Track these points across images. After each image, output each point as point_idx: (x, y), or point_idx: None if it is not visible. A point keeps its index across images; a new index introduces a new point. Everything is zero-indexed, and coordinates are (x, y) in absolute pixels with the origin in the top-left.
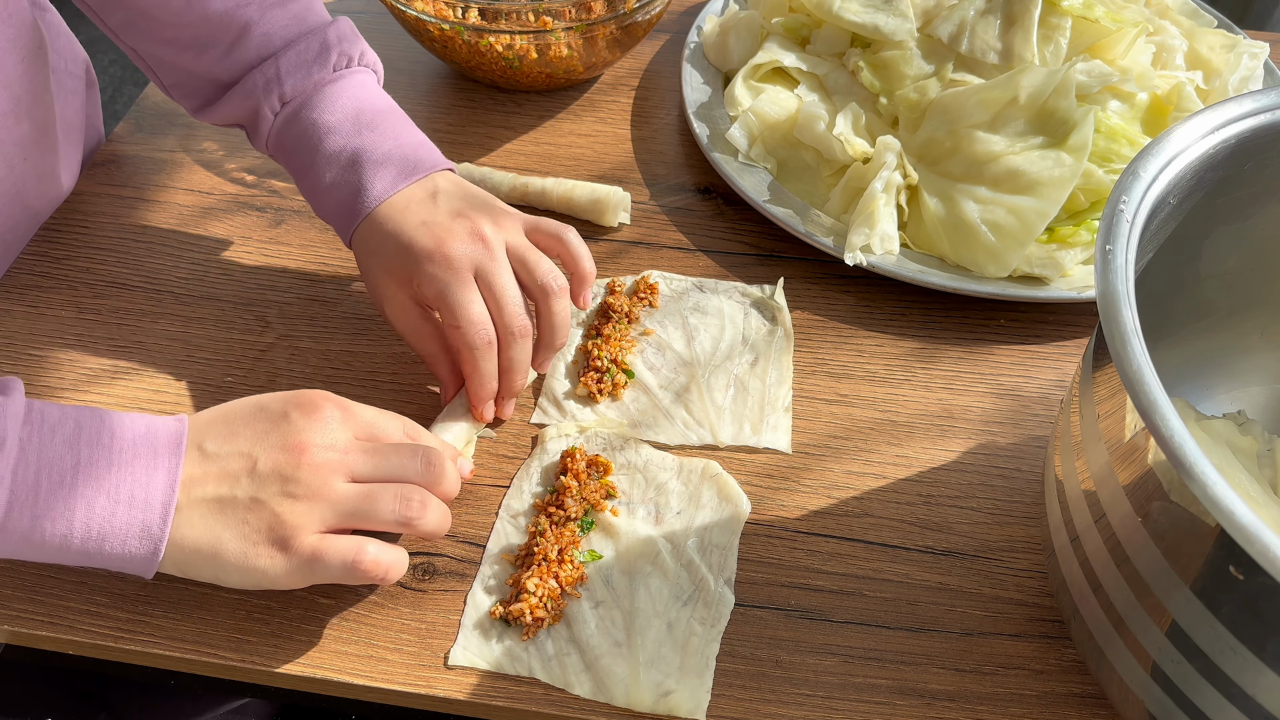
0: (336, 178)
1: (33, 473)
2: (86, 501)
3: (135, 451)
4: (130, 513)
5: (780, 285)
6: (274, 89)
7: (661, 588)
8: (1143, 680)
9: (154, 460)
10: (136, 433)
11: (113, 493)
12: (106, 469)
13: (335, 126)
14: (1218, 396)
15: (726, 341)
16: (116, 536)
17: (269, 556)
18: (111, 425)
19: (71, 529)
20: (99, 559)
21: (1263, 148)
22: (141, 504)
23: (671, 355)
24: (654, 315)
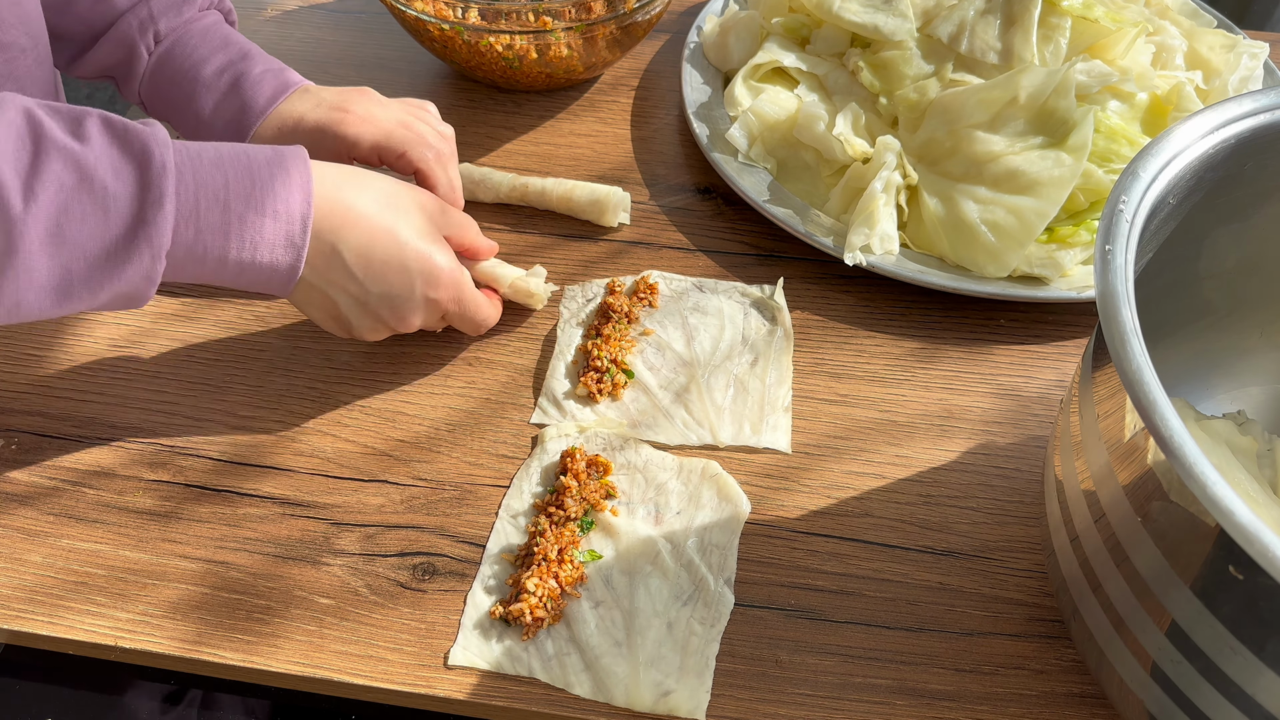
0: (219, 102)
1: (191, 192)
2: (239, 216)
3: (271, 171)
4: (275, 225)
5: (780, 285)
6: (149, 29)
7: (661, 588)
8: (1143, 680)
9: (287, 177)
10: (267, 154)
11: (259, 207)
12: (251, 187)
13: (209, 56)
14: (1218, 396)
15: (726, 341)
16: (266, 246)
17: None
18: (246, 149)
19: (228, 243)
20: (251, 272)
21: (1263, 148)
22: (284, 217)
23: (671, 355)
24: (654, 315)
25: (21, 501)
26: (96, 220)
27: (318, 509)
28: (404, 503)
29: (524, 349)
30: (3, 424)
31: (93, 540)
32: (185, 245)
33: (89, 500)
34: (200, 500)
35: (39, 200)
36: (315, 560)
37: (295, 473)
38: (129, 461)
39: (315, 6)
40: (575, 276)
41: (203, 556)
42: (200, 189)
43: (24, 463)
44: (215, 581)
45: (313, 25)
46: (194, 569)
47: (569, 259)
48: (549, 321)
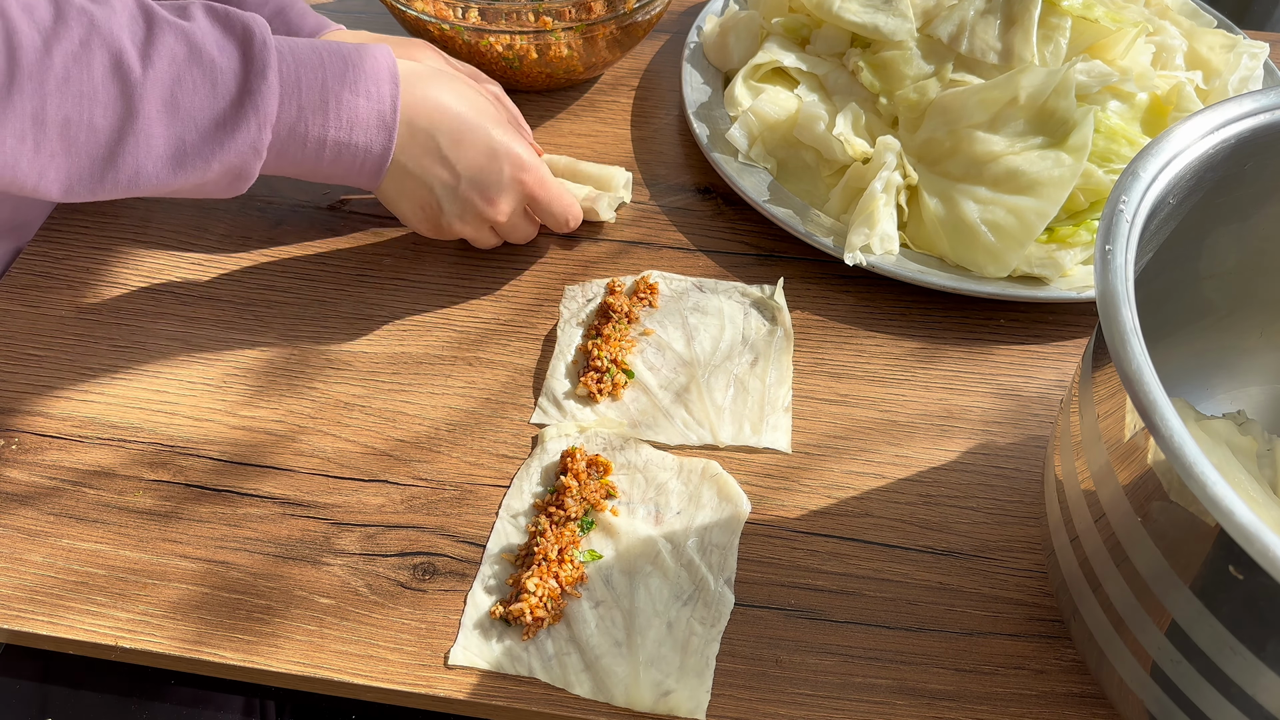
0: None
1: (292, 69)
2: (335, 95)
3: (360, 55)
4: (369, 104)
5: (780, 285)
6: None
7: (661, 587)
8: (1143, 680)
9: (376, 63)
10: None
11: (353, 87)
12: (344, 68)
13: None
14: (1218, 396)
15: (726, 341)
16: (361, 126)
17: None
18: (335, 42)
19: (327, 121)
20: (348, 155)
21: (1263, 148)
22: (376, 97)
23: (671, 355)
24: (654, 315)
25: (21, 501)
26: (206, 91)
27: (318, 509)
28: (404, 503)
29: (524, 349)
30: (3, 424)
31: (93, 540)
32: (288, 123)
33: (89, 500)
34: (200, 500)
35: (156, 68)
36: (315, 560)
37: (295, 473)
38: (129, 461)
39: (315, 6)
40: (575, 276)
41: (203, 556)
42: (300, 66)
43: (24, 463)
44: (215, 581)
45: None
46: (194, 569)
47: (569, 259)
48: (549, 321)
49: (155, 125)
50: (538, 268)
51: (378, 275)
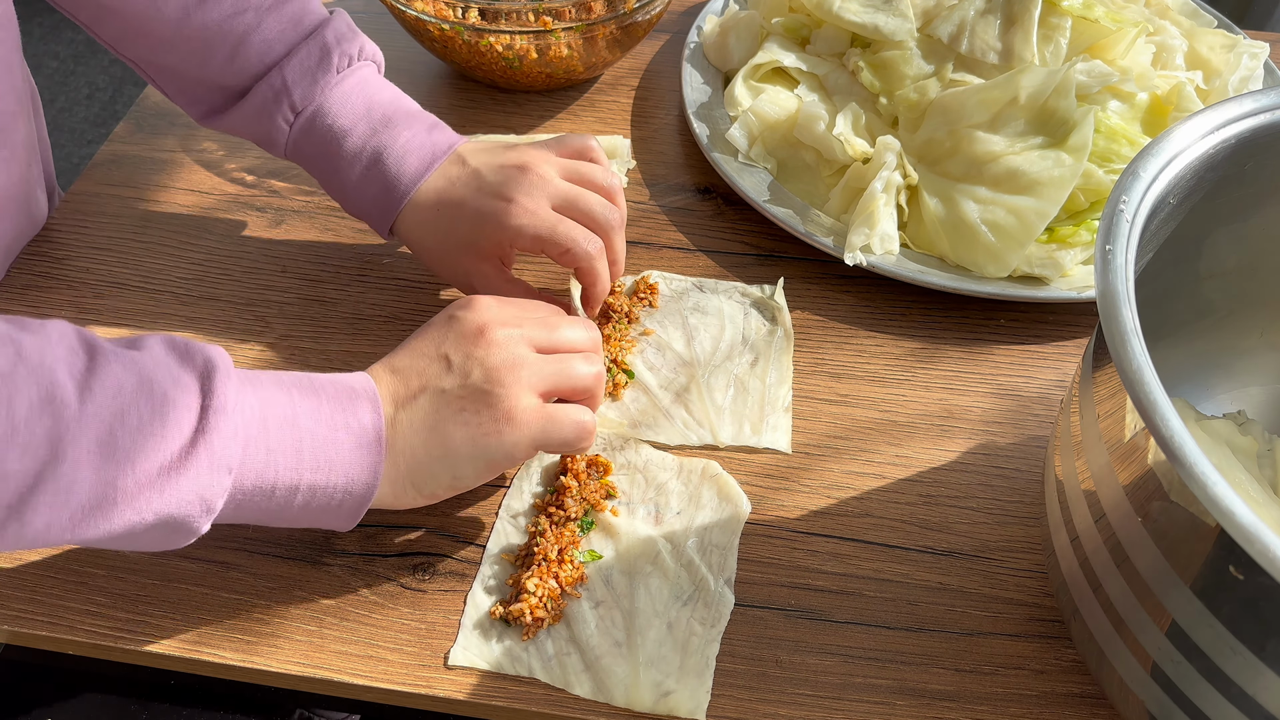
0: (363, 175)
1: (256, 408)
2: (310, 433)
3: (335, 388)
4: (349, 437)
5: (780, 285)
6: (284, 100)
7: (661, 588)
8: (1143, 680)
9: (351, 393)
10: (326, 377)
11: (329, 422)
12: (317, 403)
13: (350, 128)
14: (1218, 396)
15: (726, 341)
16: (340, 466)
17: (498, 433)
18: (305, 373)
19: (301, 460)
20: (323, 495)
21: (1263, 148)
22: (356, 429)
23: (671, 355)
24: (654, 315)
25: None
26: (155, 429)
27: None
28: None
29: None
30: None
31: None
32: (255, 472)
33: None
34: None
35: (96, 402)
36: (315, 560)
37: None
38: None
39: None
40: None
41: (203, 556)
42: (266, 404)
43: None
44: (215, 581)
45: None
46: (194, 569)
47: None
48: None
49: (83, 469)
50: (538, 268)
51: (378, 275)
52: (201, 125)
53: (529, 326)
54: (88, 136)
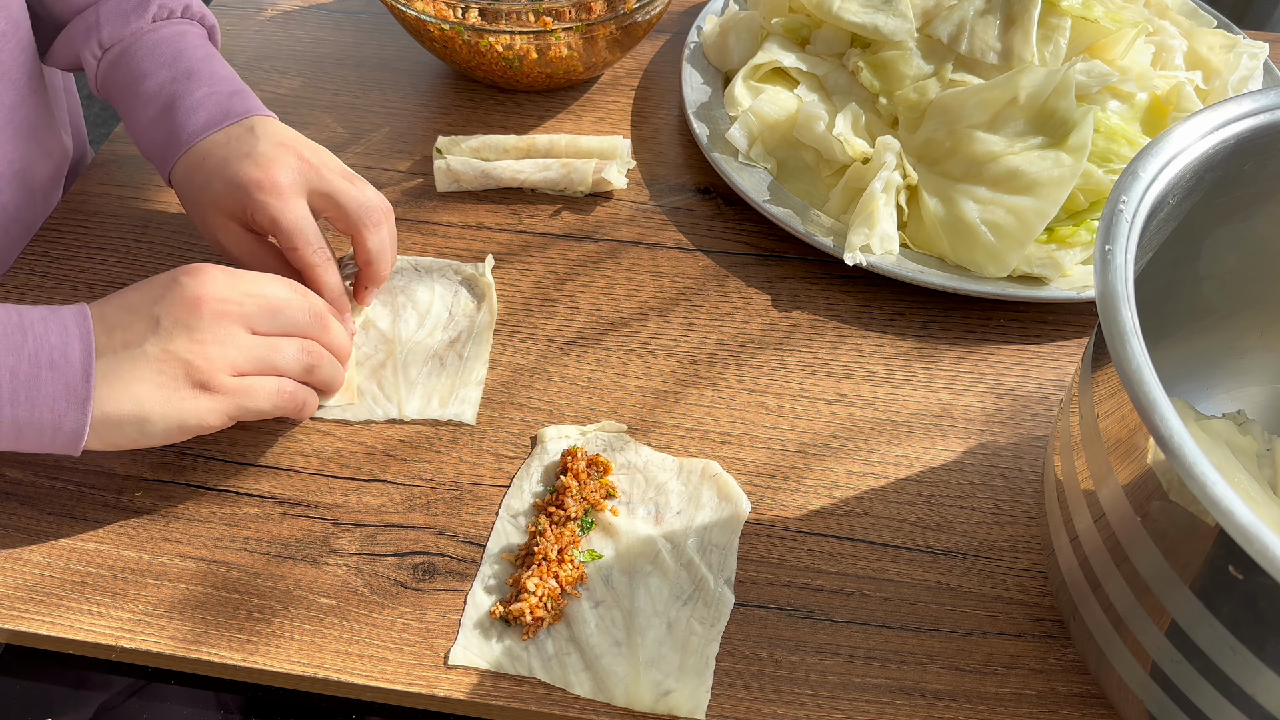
0: (153, 119)
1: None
2: (10, 369)
3: (46, 324)
4: (54, 375)
5: (489, 262)
6: (93, 35)
7: (661, 587)
8: (1142, 680)
9: (64, 329)
10: (41, 312)
11: (33, 358)
12: (22, 339)
13: (150, 72)
14: (1218, 396)
15: (431, 319)
16: (45, 401)
17: (193, 399)
18: (19, 308)
19: (1, 395)
20: (31, 430)
21: (1263, 148)
22: (63, 367)
23: (375, 333)
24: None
25: (21, 501)
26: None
27: (318, 509)
28: (404, 502)
29: (524, 349)
30: None
31: (93, 540)
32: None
33: (89, 500)
34: (200, 500)
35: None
36: (315, 560)
37: (295, 473)
38: (129, 461)
39: (315, 6)
40: (574, 276)
41: (203, 556)
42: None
43: (24, 463)
44: (215, 581)
45: (313, 25)
46: (194, 569)
47: (568, 259)
48: (549, 321)
49: None
50: (537, 268)
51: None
52: (43, 62)
53: (249, 308)
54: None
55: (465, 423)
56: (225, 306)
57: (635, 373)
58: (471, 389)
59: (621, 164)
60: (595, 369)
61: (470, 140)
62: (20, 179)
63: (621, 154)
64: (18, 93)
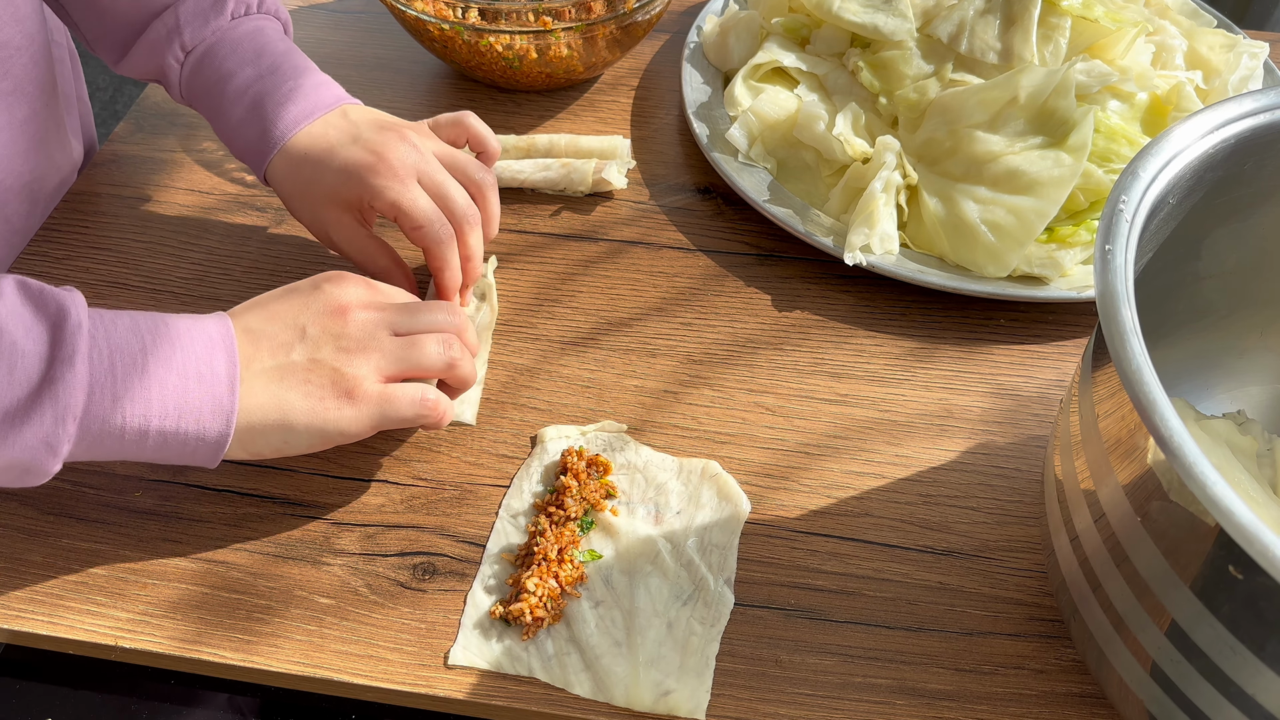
0: (243, 117)
1: (105, 356)
2: (159, 380)
3: (191, 336)
4: (200, 388)
5: (492, 263)
6: (175, 39)
7: (661, 587)
8: (1142, 680)
9: (209, 342)
10: (186, 323)
11: (181, 370)
12: (171, 350)
13: (236, 70)
14: (1218, 396)
15: None
16: (191, 413)
17: (337, 408)
18: (163, 317)
19: (149, 408)
20: (175, 441)
21: (1263, 148)
22: (209, 379)
23: None
24: None
25: (21, 501)
26: (2, 377)
27: (318, 509)
28: (404, 502)
29: (524, 349)
30: None
31: (93, 540)
32: (100, 416)
33: (89, 500)
34: (200, 500)
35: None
36: (315, 560)
37: (295, 473)
38: (129, 461)
39: (315, 6)
40: (575, 277)
41: (203, 556)
42: (115, 352)
43: None
44: (215, 581)
45: (313, 25)
46: (194, 569)
47: (568, 259)
48: (549, 321)
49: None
50: (538, 268)
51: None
52: (116, 71)
53: (390, 312)
54: None
55: (466, 422)
56: (369, 313)
57: (635, 373)
58: (472, 389)
59: (621, 164)
60: (595, 369)
61: None
62: (28, 190)
63: (621, 154)
64: (30, 106)
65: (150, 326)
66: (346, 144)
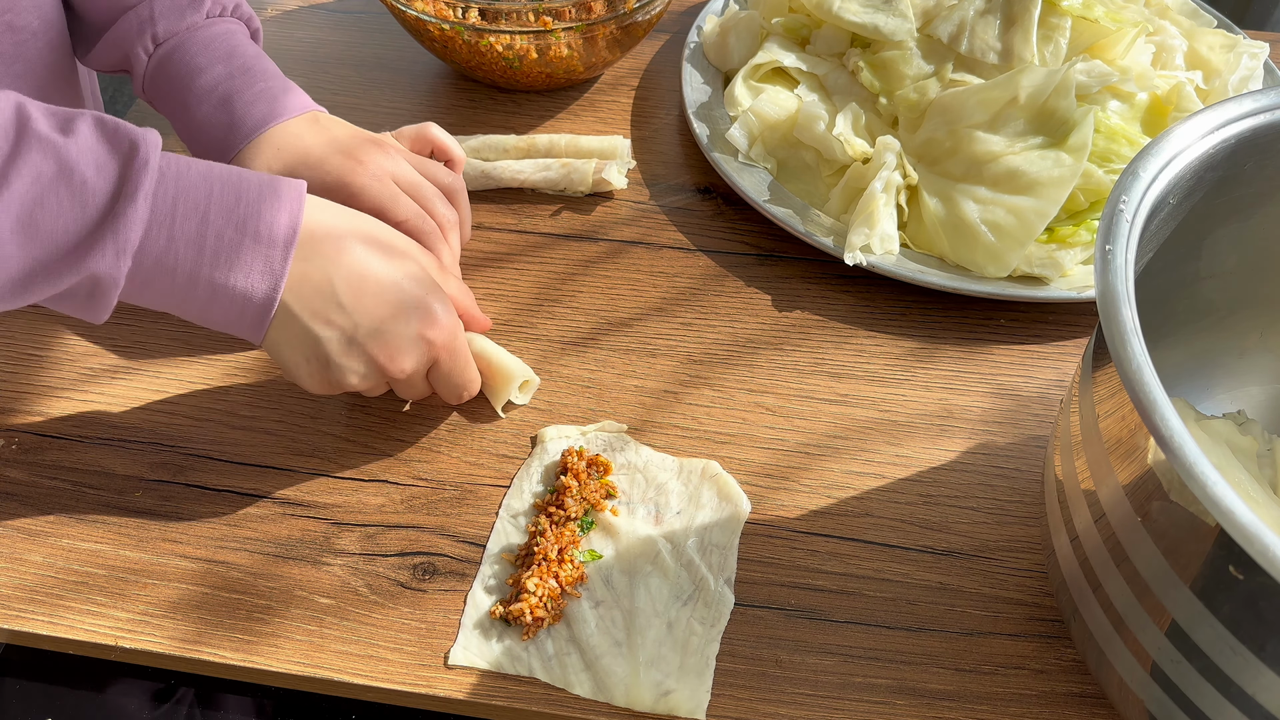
0: (209, 114)
1: (170, 198)
2: (217, 230)
3: (261, 192)
4: (255, 246)
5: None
6: (147, 30)
7: (661, 587)
8: (1143, 680)
9: (277, 200)
10: (261, 177)
11: (240, 225)
12: (235, 202)
13: (206, 67)
14: (1218, 396)
15: None
16: (242, 267)
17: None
18: (242, 171)
19: (202, 254)
20: (224, 296)
21: (1263, 148)
22: (266, 240)
23: None
24: None
25: (21, 501)
26: (73, 213)
27: (318, 509)
28: (404, 502)
29: (524, 349)
30: (3, 424)
31: (93, 540)
32: (154, 254)
33: (89, 500)
34: (200, 500)
35: (13, 189)
36: (315, 560)
37: (295, 473)
38: (129, 461)
39: (315, 6)
40: (575, 277)
41: (203, 556)
42: (180, 195)
43: (24, 463)
44: (215, 581)
45: (313, 25)
46: (194, 569)
47: (569, 259)
48: (549, 321)
49: (8, 245)
50: (538, 268)
51: None
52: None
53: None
54: None
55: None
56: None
57: (635, 373)
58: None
59: (621, 164)
60: (595, 369)
61: (470, 140)
62: None
63: (621, 154)
64: (43, 94)
65: (223, 176)
66: (324, 148)
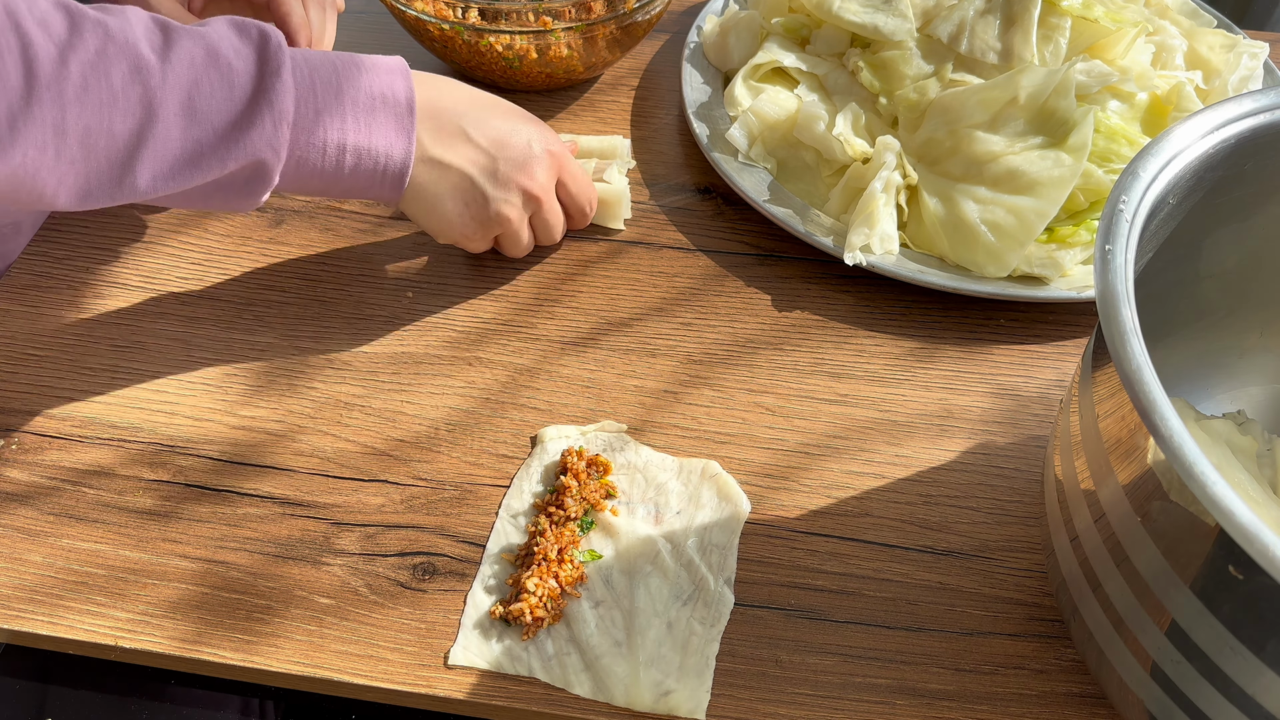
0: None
1: (306, 75)
2: (351, 99)
3: (375, 65)
4: (385, 108)
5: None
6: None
7: (661, 587)
8: (1143, 680)
9: (390, 71)
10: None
11: (370, 92)
12: (358, 73)
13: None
14: (1218, 396)
15: None
16: (380, 129)
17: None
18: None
19: (345, 122)
20: (368, 158)
21: (1263, 148)
22: (393, 102)
23: None
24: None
25: (21, 501)
26: (224, 93)
27: (318, 509)
28: (404, 502)
29: (524, 349)
30: (3, 424)
31: (93, 540)
32: (306, 126)
33: (89, 500)
34: (200, 500)
35: (175, 71)
36: (315, 560)
37: (295, 473)
38: (129, 461)
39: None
40: (575, 276)
41: (203, 556)
42: (313, 69)
43: (24, 463)
44: (215, 581)
45: None
46: (194, 569)
47: (569, 259)
48: (549, 321)
49: (173, 128)
50: (538, 268)
51: (378, 275)
52: None
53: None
54: None
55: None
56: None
57: (635, 373)
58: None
59: (621, 164)
60: (595, 369)
61: None
62: None
63: (621, 154)
64: None
65: (339, 56)
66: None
